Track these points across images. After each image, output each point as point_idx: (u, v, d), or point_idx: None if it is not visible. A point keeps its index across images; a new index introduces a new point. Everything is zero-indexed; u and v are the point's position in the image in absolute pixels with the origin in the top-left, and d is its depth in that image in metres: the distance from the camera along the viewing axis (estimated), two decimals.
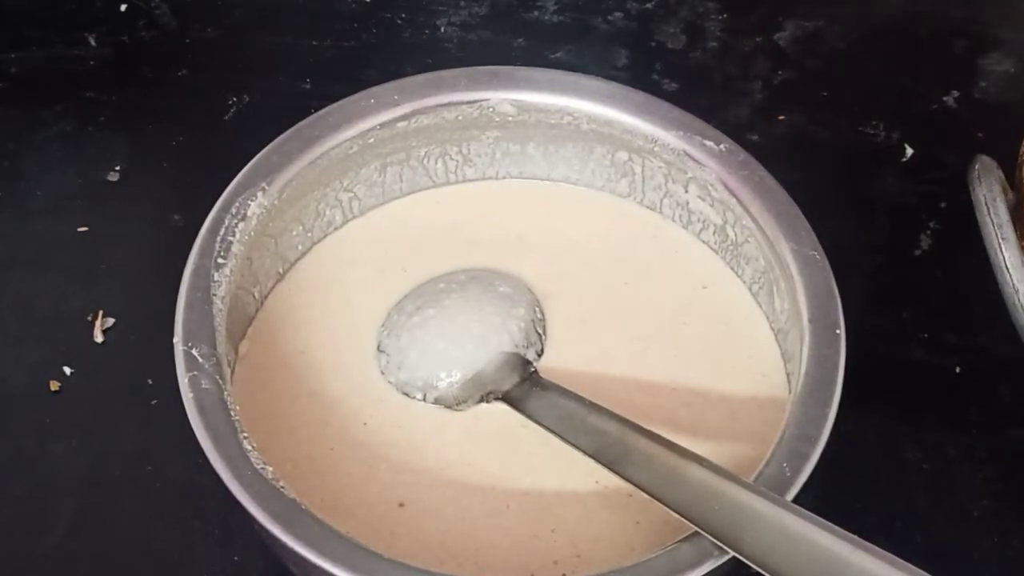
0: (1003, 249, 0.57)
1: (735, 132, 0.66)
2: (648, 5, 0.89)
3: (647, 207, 0.70)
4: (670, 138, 0.65)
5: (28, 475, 0.65)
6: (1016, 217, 0.59)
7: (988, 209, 0.58)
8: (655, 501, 0.53)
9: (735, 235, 0.65)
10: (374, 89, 0.67)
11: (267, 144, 0.65)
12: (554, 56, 0.84)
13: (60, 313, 0.71)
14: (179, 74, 0.84)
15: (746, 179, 0.64)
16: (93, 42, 0.85)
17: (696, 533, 0.51)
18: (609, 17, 0.87)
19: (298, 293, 0.67)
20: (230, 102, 0.81)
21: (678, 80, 0.84)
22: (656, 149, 0.66)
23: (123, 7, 0.87)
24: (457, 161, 0.71)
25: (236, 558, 0.62)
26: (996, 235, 0.57)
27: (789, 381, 0.62)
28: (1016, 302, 0.58)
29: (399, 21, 0.87)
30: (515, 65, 0.69)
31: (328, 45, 0.86)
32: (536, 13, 0.88)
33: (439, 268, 0.67)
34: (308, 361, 0.64)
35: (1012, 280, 0.57)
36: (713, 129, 0.65)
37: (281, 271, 0.68)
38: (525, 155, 0.71)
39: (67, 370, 0.68)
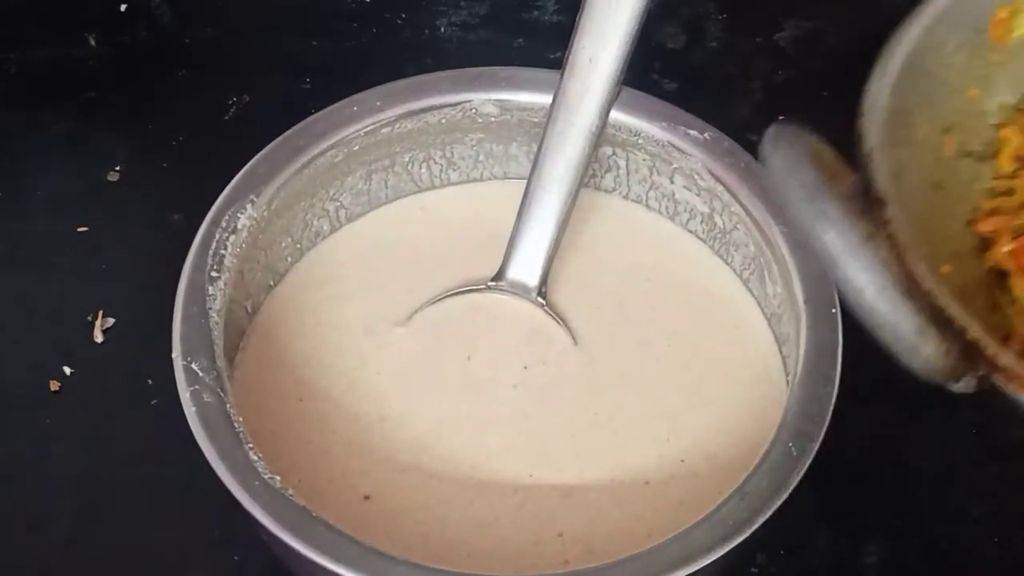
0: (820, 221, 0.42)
1: (735, 132, 0.66)
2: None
3: (632, 200, 0.70)
4: (654, 130, 0.66)
5: (28, 475, 0.65)
6: (863, 206, 0.44)
7: (788, 176, 0.42)
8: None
9: (723, 223, 0.66)
10: (357, 96, 0.68)
11: (266, 145, 0.65)
12: (554, 56, 0.84)
13: (60, 313, 0.71)
14: (179, 74, 0.84)
15: (732, 166, 0.64)
16: (93, 42, 0.85)
17: (711, 515, 0.51)
18: None
19: (289, 304, 0.67)
20: (230, 102, 0.81)
21: (678, 80, 0.84)
22: (640, 142, 0.66)
23: (123, 7, 0.87)
24: (441, 165, 0.71)
25: (236, 558, 0.62)
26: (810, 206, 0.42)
27: (785, 364, 0.62)
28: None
29: (399, 21, 0.87)
30: (515, 65, 0.69)
31: (328, 45, 0.86)
32: (536, 13, 0.88)
33: (428, 271, 0.67)
34: (303, 368, 0.64)
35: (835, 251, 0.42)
36: (696, 119, 0.66)
37: (272, 283, 0.68)
38: (508, 156, 0.71)
39: (67, 370, 0.68)
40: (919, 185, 0.47)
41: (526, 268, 0.64)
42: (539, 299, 0.64)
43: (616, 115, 0.65)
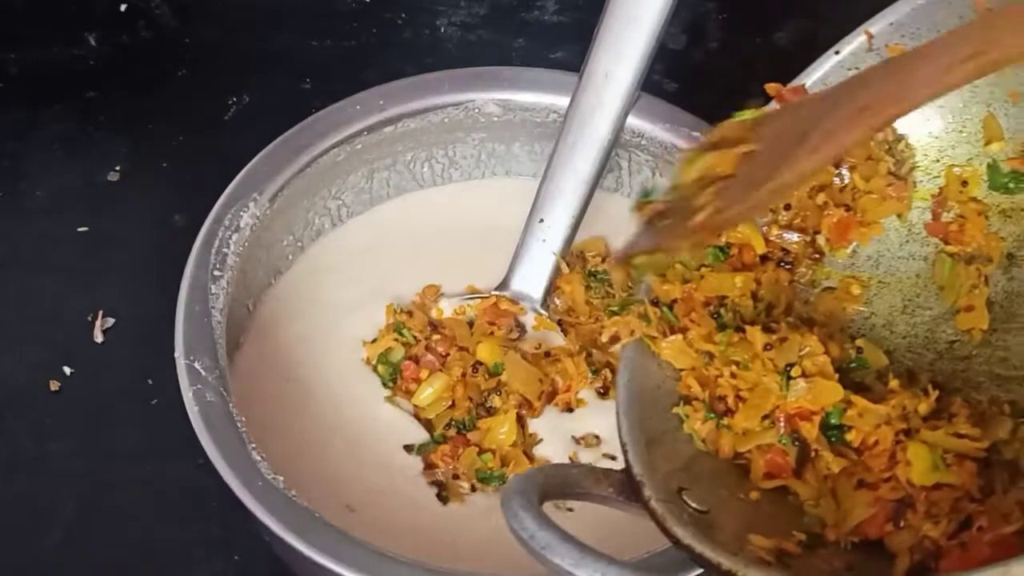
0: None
1: None
2: None
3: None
4: (657, 131, 0.66)
5: (28, 475, 0.65)
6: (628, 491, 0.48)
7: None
8: None
9: None
10: (359, 95, 0.68)
11: (267, 144, 0.65)
12: (554, 56, 0.84)
13: (60, 313, 0.71)
14: (179, 74, 0.84)
15: None
16: (93, 42, 0.85)
17: None
18: None
19: (288, 302, 0.67)
20: (230, 102, 0.81)
21: (678, 80, 0.84)
22: (643, 143, 0.66)
23: (123, 7, 0.87)
24: (443, 164, 0.71)
25: (236, 558, 0.62)
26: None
27: None
28: None
29: (399, 21, 0.87)
30: (515, 65, 0.70)
31: (328, 45, 0.86)
32: (536, 13, 0.88)
33: (426, 265, 0.68)
34: (302, 365, 0.64)
35: None
36: (699, 120, 0.66)
37: (273, 281, 0.68)
38: (511, 155, 0.71)
39: (67, 370, 0.68)
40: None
41: (530, 280, 0.64)
42: (541, 310, 0.64)
43: None
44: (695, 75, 0.85)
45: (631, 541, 0.52)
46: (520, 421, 0.61)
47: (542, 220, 0.64)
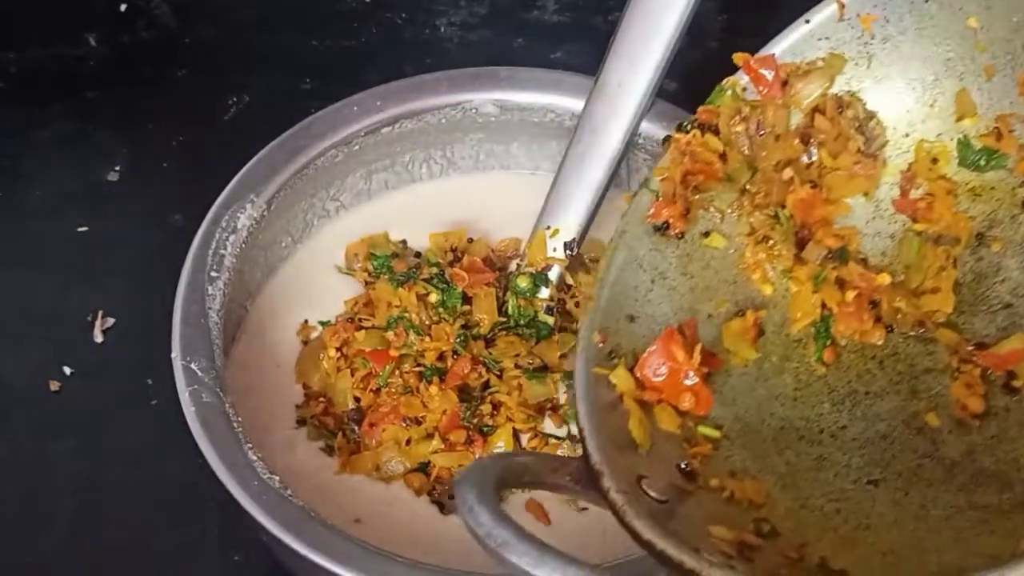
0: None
1: None
2: None
3: None
4: (655, 130, 0.65)
5: (28, 475, 0.65)
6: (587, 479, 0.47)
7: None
8: None
9: None
10: (356, 96, 0.68)
11: (266, 145, 0.65)
12: (554, 56, 0.84)
13: (60, 313, 0.71)
14: (179, 74, 0.84)
15: None
16: (93, 42, 0.85)
17: None
18: (609, 17, 0.87)
19: (284, 298, 0.67)
20: (230, 102, 0.81)
21: (678, 80, 0.83)
22: (641, 141, 0.66)
23: (123, 7, 0.87)
24: (442, 165, 0.71)
25: (236, 558, 0.62)
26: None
27: None
28: None
29: (399, 21, 0.87)
30: (515, 65, 0.70)
31: (328, 45, 0.86)
32: (536, 13, 0.88)
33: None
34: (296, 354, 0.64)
35: None
36: None
37: (271, 278, 0.68)
38: (509, 155, 0.71)
39: (67, 370, 0.68)
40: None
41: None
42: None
43: None
44: (695, 75, 0.84)
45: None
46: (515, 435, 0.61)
47: (548, 227, 0.63)
